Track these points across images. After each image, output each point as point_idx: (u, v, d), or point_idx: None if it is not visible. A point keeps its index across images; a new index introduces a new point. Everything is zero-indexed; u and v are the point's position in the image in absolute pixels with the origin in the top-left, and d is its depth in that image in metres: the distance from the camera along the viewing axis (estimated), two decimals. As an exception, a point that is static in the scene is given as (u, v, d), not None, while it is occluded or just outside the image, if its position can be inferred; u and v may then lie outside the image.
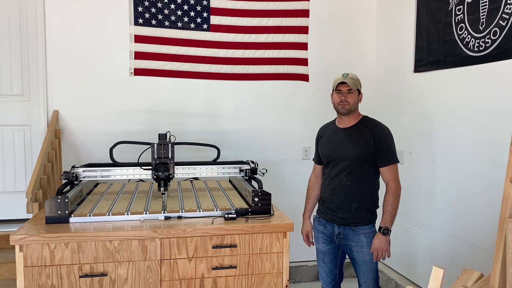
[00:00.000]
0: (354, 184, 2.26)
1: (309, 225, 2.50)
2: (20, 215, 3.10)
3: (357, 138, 2.26)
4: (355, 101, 2.25)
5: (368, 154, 2.23)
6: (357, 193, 2.26)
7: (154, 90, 3.29)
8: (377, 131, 2.24)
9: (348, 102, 2.23)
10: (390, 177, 2.23)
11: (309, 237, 2.50)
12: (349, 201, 2.27)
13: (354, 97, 2.24)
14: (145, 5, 3.22)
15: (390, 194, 2.21)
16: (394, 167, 2.23)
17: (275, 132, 3.52)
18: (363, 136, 2.24)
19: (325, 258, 2.43)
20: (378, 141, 2.21)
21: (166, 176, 2.33)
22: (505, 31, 2.25)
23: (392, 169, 2.22)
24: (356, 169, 2.25)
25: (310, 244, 2.51)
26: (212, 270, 2.07)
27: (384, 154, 2.22)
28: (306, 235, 2.50)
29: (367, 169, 2.25)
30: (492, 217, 2.38)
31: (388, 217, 2.20)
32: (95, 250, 1.95)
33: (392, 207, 2.20)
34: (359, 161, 2.24)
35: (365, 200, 2.27)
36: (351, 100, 2.23)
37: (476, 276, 1.54)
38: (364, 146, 2.23)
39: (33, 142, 3.18)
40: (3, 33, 3.09)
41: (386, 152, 2.22)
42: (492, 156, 2.39)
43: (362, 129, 2.26)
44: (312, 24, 3.51)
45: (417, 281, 3.10)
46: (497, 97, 2.35)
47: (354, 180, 2.26)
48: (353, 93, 2.24)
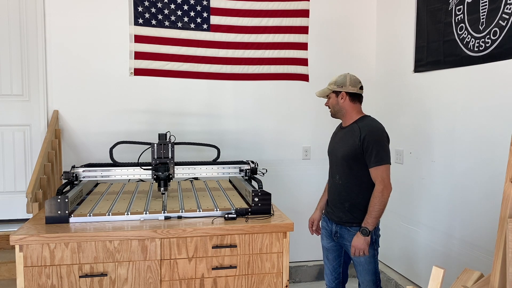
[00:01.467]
0: (345, 183, 2.27)
1: (318, 215, 2.54)
2: (20, 215, 3.10)
3: (348, 138, 2.27)
4: (334, 103, 2.34)
5: (355, 154, 2.21)
6: (348, 193, 2.27)
7: (154, 90, 3.29)
8: (364, 131, 2.20)
9: (329, 107, 2.38)
10: (376, 178, 2.18)
11: (313, 226, 2.55)
12: (342, 200, 2.29)
13: (331, 101, 2.35)
14: (145, 5, 3.22)
15: (375, 195, 2.17)
16: (381, 168, 2.16)
17: (275, 132, 3.52)
18: (352, 135, 2.25)
19: (328, 255, 2.46)
20: (363, 141, 2.18)
21: (166, 176, 2.33)
22: (505, 31, 2.25)
23: (378, 170, 2.16)
24: (347, 168, 2.26)
25: (313, 232, 2.57)
26: (212, 270, 2.07)
27: (370, 155, 2.18)
28: (311, 222, 2.56)
29: (358, 169, 2.24)
30: (492, 217, 2.38)
31: (369, 218, 2.17)
32: (95, 250, 1.95)
33: (375, 209, 2.15)
34: (347, 160, 2.24)
35: (357, 200, 2.25)
36: (330, 105, 2.36)
37: (476, 276, 1.55)
38: (352, 145, 2.22)
39: (33, 142, 3.17)
40: (3, 33, 3.09)
41: (372, 153, 2.17)
42: (492, 156, 2.39)
43: (354, 129, 2.26)
44: (312, 24, 3.51)
45: (417, 281, 3.10)
46: (497, 97, 2.35)
47: (345, 179, 2.28)
48: (329, 98, 2.36)
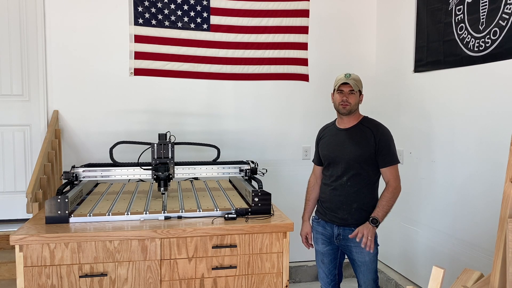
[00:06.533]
0: (355, 185, 2.26)
1: (309, 227, 2.48)
2: (20, 215, 3.10)
3: (358, 139, 2.26)
4: (356, 102, 2.26)
5: (369, 154, 2.23)
6: (357, 194, 2.26)
7: (154, 90, 3.29)
8: (378, 132, 2.24)
9: (349, 103, 2.24)
10: (391, 177, 2.24)
11: (308, 239, 2.48)
12: (350, 201, 2.27)
13: (355, 98, 2.25)
14: (145, 5, 3.22)
15: (389, 191, 2.21)
16: (395, 167, 2.24)
17: (275, 132, 3.52)
18: (364, 136, 2.24)
19: (324, 259, 2.42)
20: (379, 142, 2.21)
21: (166, 176, 2.33)
22: (505, 31, 2.25)
23: (393, 169, 2.24)
24: (357, 169, 2.25)
25: (309, 246, 2.50)
26: (212, 270, 2.07)
27: (385, 155, 2.22)
28: (305, 237, 2.48)
29: (368, 170, 2.25)
30: (492, 217, 2.38)
31: (380, 210, 2.19)
32: (95, 250, 1.95)
33: (387, 203, 2.20)
34: (360, 161, 2.24)
35: (365, 200, 2.26)
36: (352, 101, 2.24)
37: (476, 276, 1.54)
38: (365, 146, 2.23)
39: (33, 142, 3.17)
40: (3, 33, 3.09)
41: (387, 153, 2.22)
42: (492, 156, 2.39)
43: (363, 130, 2.26)
44: (312, 24, 3.51)
45: (417, 281, 3.10)
46: (497, 97, 2.35)
47: (354, 180, 2.26)
48: (354, 94, 2.25)
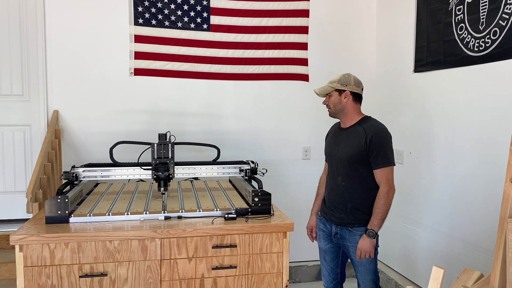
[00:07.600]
0: (349, 185, 2.26)
1: (314, 221, 2.52)
2: (20, 215, 3.10)
3: (352, 139, 2.25)
4: (335, 102, 2.28)
5: (360, 155, 2.20)
6: (351, 194, 2.26)
7: (154, 90, 3.29)
8: (370, 132, 2.19)
9: (329, 106, 2.32)
10: (381, 179, 2.18)
11: (312, 232, 2.53)
12: (344, 201, 2.27)
13: (333, 100, 2.29)
14: (145, 5, 3.22)
15: (380, 197, 2.17)
16: (387, 169, 2.18)
17: (275, 132, 3.52)
18: (357, 137, 2.23)
19: (326, 257, 2.45)
20: (370, 143, 2.17)
21: (166, 176, 2.33)
22: (505, 31, 2.25)
23: (384, 171, 2.17)
24: (350, 169, 2.25)
25: (313, 239, 2.54)
26: (212, 270, 2.07)
27: (376, 156, 2.17)
28: (310, 230, 2.54)
29: (362, 170, 2.23)
30: (492, 217, 2.38)
31: (375, 220, 2.17)
32: (95, 250, 1.95)
33: (380, 210, 2.16)
34: (352, 162, 2.23)
35: (360, 201, 2.25)
36: (330, 104, 2.31)
37: (476, 276, 1.54)
38: (357, 147, 2.21)
39: (33, 142, 3.17)
40: (3, 33, 3.09)
41: (378, 154, 2.17)
42: (492, 156, 2.39)
43: (358, 130, 2.25)
44: (312, 24, 3.51)
45: (417, 281, 3.10)
46: (497, 97, 2.35)
47: (348, 180, 2.26)
48: (330, 97, 2.30)
